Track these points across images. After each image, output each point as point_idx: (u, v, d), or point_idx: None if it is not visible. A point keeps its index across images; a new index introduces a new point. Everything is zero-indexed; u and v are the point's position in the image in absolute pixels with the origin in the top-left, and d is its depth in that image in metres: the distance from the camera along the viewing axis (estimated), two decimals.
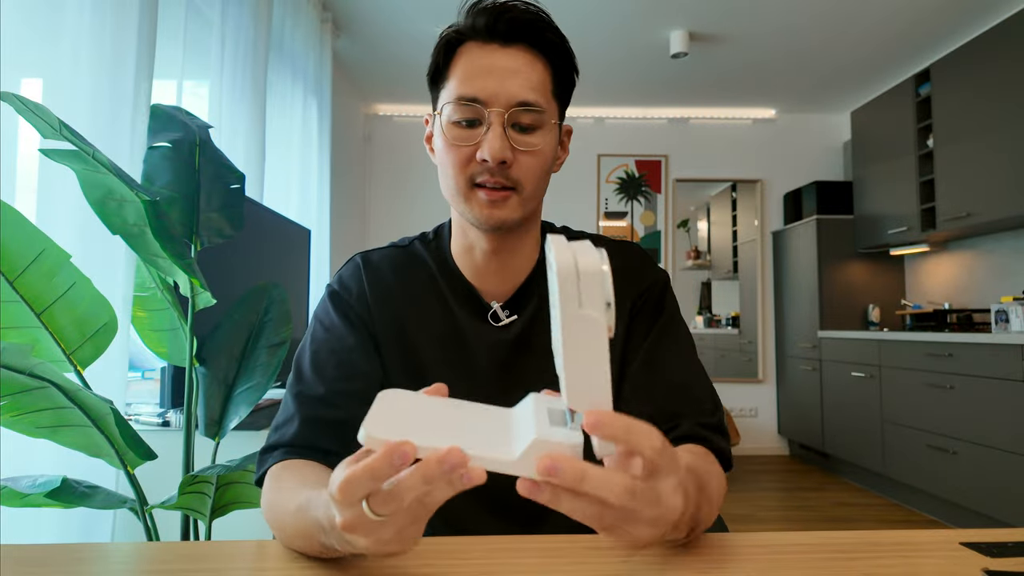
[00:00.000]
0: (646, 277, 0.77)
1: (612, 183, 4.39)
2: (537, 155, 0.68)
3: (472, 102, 0.65)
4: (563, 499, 0.36)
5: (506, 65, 0.66)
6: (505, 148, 0.65)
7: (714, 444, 0.65)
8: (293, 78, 2.67)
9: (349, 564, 0.51)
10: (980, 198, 2.95)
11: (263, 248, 1.76)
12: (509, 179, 0.67)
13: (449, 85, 0.68)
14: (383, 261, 0.77)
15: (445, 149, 0.68)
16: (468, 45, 0.68)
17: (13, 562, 0.52)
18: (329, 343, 0.71)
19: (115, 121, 1.30)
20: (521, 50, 0.67)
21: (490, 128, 0.65)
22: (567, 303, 0.37)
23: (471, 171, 0.67)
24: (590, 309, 0.36)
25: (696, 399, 0.69)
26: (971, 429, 2.61)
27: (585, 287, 0.36)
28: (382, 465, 0.35)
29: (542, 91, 0.68)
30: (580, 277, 0.36)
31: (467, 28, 0.68)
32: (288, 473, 0.61)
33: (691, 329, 0.78)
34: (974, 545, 0.55)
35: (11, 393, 0.85)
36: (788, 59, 3.51)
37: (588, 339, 0.37)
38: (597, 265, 0.37)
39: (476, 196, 0.68)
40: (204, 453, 1.19)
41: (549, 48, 0.69)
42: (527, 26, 0.67)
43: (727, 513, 2.94)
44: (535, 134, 0.67)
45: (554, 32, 0.69)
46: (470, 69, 0.66)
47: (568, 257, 0.37)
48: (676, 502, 0.39)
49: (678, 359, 0.73)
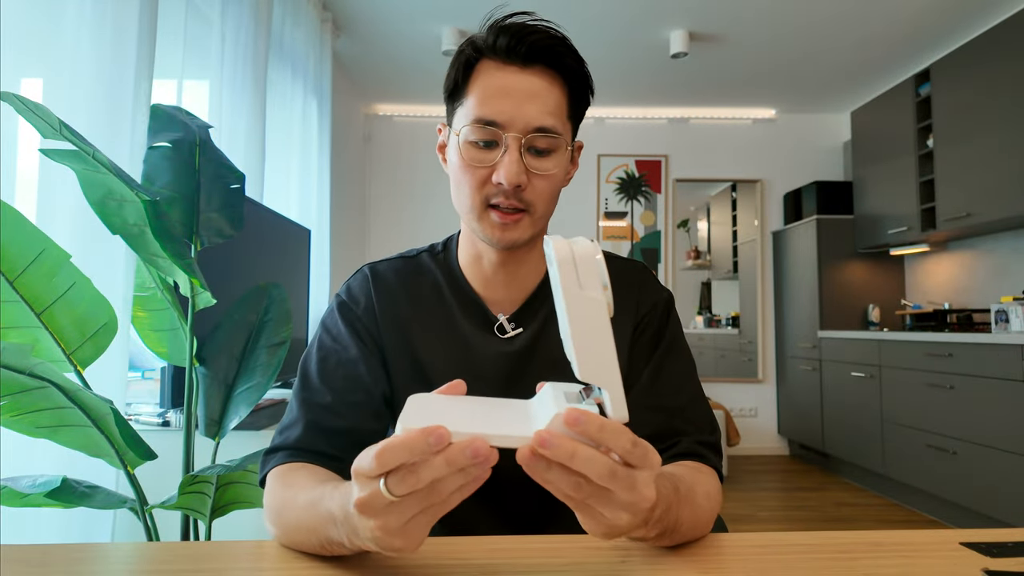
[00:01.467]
0: (650, 297, 0.79)
1: (612, 183, 4.39)
2: (550, 179, 0.69)
3: (490, 124, 0.66)
4: (553, 472, 0.40)
5: (525, 88, 0.67)
6: (521, 173, 0.66)
7: (709, 461, 0.69)
8: (293, 78, 2.67)
9: (348, 561, 0.52)
10: (980, 198, 2.94)
11: (263, 248, 1.76)
12: (522, 201, 0.68)
13: (467, 103, 0.68)
14: (391, 272, 0.78)
15: (461, 168, 0.69)
16: (486, 63, 0.68)
17: (13, 562, 0.52)
18: (336, 353, 0.73)
19: (115, 121, 1.30)
20: (540, 73, 0.68)
21: (507, 152, 0.66)
22: (569, 287, 0.41)
23: (486, 192, 0.68)
24: (590, 290, 0.41)
25: (695, 420, 0.72)
26: (971, 429, 2.61)
27: (583, 271, 0.41)
28: (419, 440, 0.37)
29: (558, 115, 0.68)
30: (577, 263, 0.41)
31: (487, 46, 0.68)
32: (297, 472, 0.62)
33: (691, 329, 0.79)
34: (974, 545, 0.55)
35: (11, 393, 0.85)
36: (788, 59, 3.51)
37: (591, 317, 0.41)
38: (592, 251, 0.41)
39: (489, 217, 0.69)
40: (204, 453, 1.19)
41: (567, 72, 0.69)
42: (547, 51, 0.67)
43: (727, 513, 2.94)
44: (550, 158, 0.68)
45: (573, 57, 0.70)
46: (489, 90, 0.67)
47: (565, 247, 0.41)
48: (649, 492, 0.42)
49: (680, 381, 0.75)
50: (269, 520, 0.59)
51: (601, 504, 0.41)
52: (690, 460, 0.68)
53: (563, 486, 0.40)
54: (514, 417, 0.43)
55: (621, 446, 0.40)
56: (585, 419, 0.39)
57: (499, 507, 0.73)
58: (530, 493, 0.73)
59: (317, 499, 0.50)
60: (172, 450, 1.16)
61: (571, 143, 0.72)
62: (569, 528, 0.74)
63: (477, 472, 0.38)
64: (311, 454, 0.65)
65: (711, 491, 0.62)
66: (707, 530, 0.59)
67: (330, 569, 0.51)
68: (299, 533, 0.53)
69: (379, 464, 0.38)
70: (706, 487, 0.62)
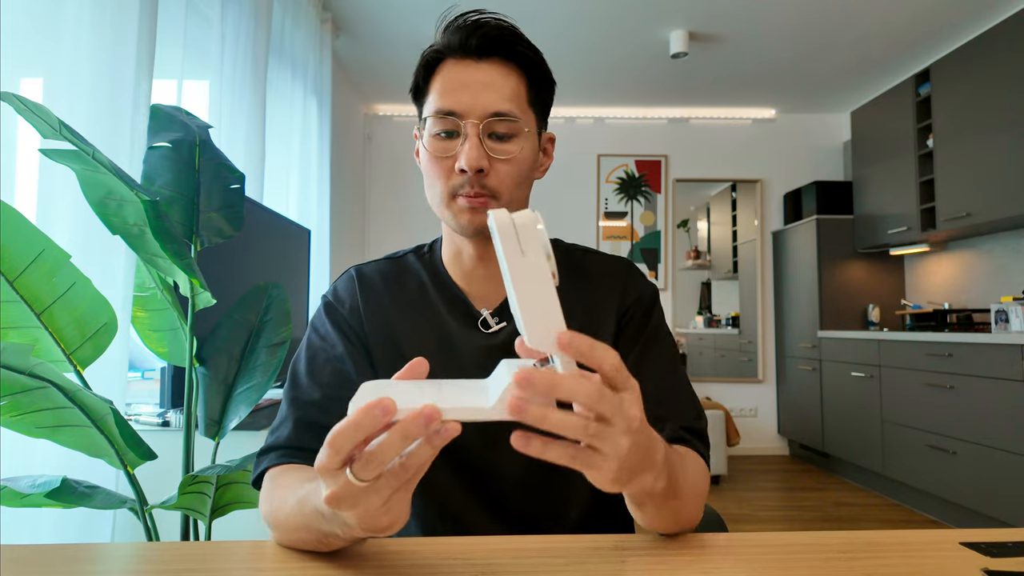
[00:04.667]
0: (634, 290, 0.80)
1: (612, 183, 4.39)
2: (513, 163, 0.71)
3: (449, 115, 0.69)
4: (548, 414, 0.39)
5: (480, 79, 0.70)
6: (481, 157, 0.68)
7: (694, 446, 0.68)
8: (293, 78, 2.67)
9: (348, 562, 0.52)
10: (980, 198, 2.95)
11: (263, 248, 1.76)
12: (486, 188, 0.70)
13: (429, 100, 0.72)
14: (376, 273, 0.80)
15: (428, 161, 0.72)
16: (446, 62, 0.72)
17: (13, 562, 0.52)
18: (324, 351, 0.74)
19: (115, 121, 1.30)
20: (495, 63, 0.71)
21: (467, 139, 0.68)
22: (511, 254, 0.40)
23: (453, 183, 0.70)
24: (532, 256, 0.40)
25: (680, 405, 0.72)
26: (971, 429, 2.61)
27: (524, 238, 0.41)
28: (363, 417, 0.37)
29: (517, 101, 0.71)
30: (518, 230, 0.41)
31: (444, 46, 0.72)
32: (287, 474, 0.63)
33: (691, 329, 0.79)
34: (974, 545, 0.55)
35: (11, 393, 0.85)
36: (788, 59, 3.51)
37: (535, 283, 0.41)
38: (532, 220, 0.41)
39: (456, 203, 0.71)
40: (204, 453, 1.19)
41: (522, 60, 0.72)
42: (498, 41, 0.70)
43: (727, 513, 2.94)
44: (511, 142, 0.70)
45: (525, 45, 0.73)
46: (447, 84, 0.70)
47: (506, 217, 0.41)
48: (636, 412, 0.42)
49: (664, 369, 0.75)
50: (267, 523, 0.59)
51: (599, 439, 0.41)
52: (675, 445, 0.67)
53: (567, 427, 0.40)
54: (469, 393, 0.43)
55: (610, 362, 0.41)
56: (577, 340, 0.40)
57: (499, 507, 0.73)
58: (530, 493, 0.74)
59: (304, 497, 0.51)
60: (172, 450, 1.16)
61: (538, 131, 0.75)
62: (569, 528, 0.74)
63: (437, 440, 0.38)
64: (301, 451, 0.66)
65: (697, 473, 0.63)
66: (699, 511, 0.60)
67: (329, 568, 0.51)
68: (296, 532, 0.53)
69: (334, 451, 0.39)
70: (695, 467, 0.63)
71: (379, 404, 0.37)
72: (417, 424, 0.37)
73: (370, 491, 0.40)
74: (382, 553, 0.54)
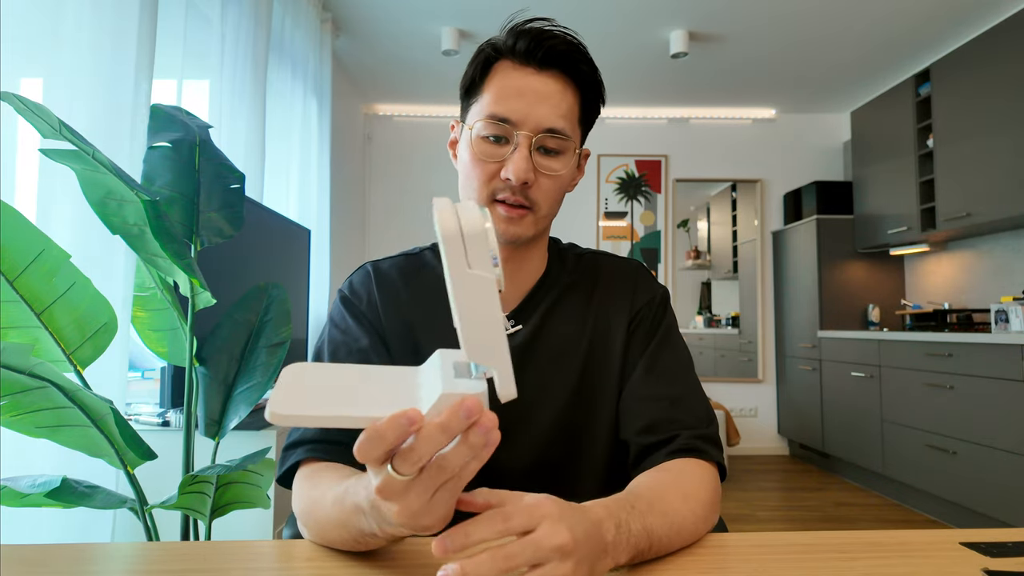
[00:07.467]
0: (645, 293, 0.80)
1: (612, 183, 4.39)
2: (556, 179, 0.71)
3: (503, 121, 0.68)
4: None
5: (539, 89, 0.69)
6: (529, 170, 0.68)
7: (708, 455, 0.67)
8: (293, 78, 2.67)
9: (349, 560, 0.52)
10: (980, 198, 2.94)
11: (263, 248, 1.76)
12: (528, 199, 0.70)
13: (482, 100, 0.71)
14: (392, 268, 0.80)
15: (472, 162, 0.71)
16: (504, 64, 0.71)
17: (13, 562, 0.52)
18: (347, 344, 0.74)
19: (115, 121, 1.30)
20: (554, 76, 0.70)
21: (517, 149, 0.68)
22: (455, 265, 0.38)
23: (494, 187, 0.70)
24: (478, 268, 0.38)
25: (692, 412, 0.71)
26: (971, 429, 2.61)
27: (471, 248, 0.38)
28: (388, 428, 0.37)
29: (569, 118, 0.71)
30: (465, 239, 0.38)
31: (506, 48, 0.71)
32: (322, 472, 0.62)
33: (691, 329, 0.79)
34: (974, 545, 0.55)
35: (11, 393, 0.85)
36: (788, 59, 3.51)
37: (479, 296, 0.39)
38: (480, 225, 0.38)
39: (495, 210, 0.71)
40: (204, 453, 1.19)
41: (581, 78, 0.72)
42: (563, 56, 0.70)
43: (727, 513, 2.94)
44: (558, 159, 0.71)
45: (587, 63, 0.72)
46: (504, 89, 0.69)
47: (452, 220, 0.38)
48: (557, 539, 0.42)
49: (675, 373, 0.75)
50: (301, 522, 0.59)
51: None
52: (689, 456, 0.66)
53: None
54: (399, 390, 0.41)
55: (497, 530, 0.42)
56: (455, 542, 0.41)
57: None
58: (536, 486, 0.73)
59: (343, 494, 0.50)
60: (172, 450, 1.16)
61: (579, 148, 0.74)
62: None
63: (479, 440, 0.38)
64: (330, 444, 0.65)
65: (691, 491, 0.60)
66: (697, 531, 0.57)
67: (332, 569, 0.51)
68: (332, 530, 0.53)
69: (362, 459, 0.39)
70: (684, 488, 0.60)
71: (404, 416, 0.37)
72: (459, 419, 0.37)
73: (413, 487, 0.40)
74: (386, 550, 0.54)
